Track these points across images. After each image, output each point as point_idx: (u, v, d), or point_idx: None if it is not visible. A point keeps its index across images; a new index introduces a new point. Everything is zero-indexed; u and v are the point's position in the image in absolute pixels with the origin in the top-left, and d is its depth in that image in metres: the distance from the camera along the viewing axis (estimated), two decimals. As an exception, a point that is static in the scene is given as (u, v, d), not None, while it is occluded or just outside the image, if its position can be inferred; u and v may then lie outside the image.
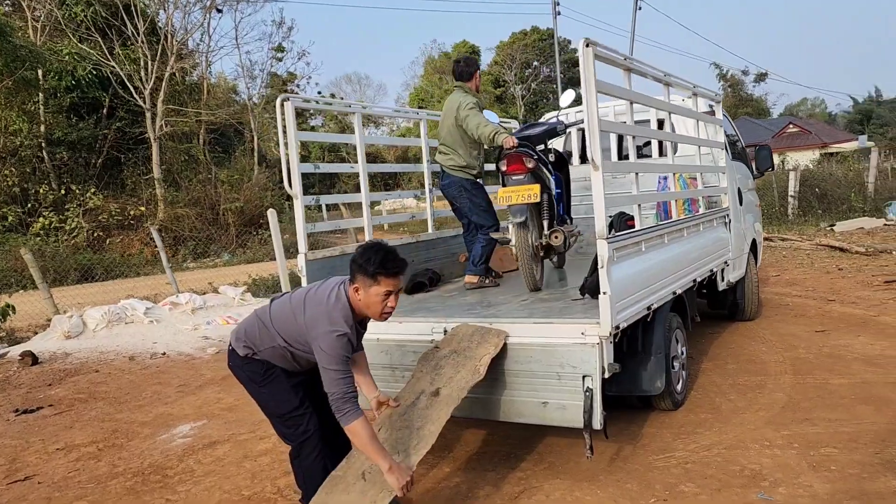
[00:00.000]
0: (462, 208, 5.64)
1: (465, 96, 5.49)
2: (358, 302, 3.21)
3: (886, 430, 4.25)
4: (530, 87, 48.18)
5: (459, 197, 5.59)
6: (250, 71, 29.48)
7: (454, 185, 5.59)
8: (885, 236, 13.62)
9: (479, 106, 5.45)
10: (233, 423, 5.47)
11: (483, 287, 5.47)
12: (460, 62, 5.76)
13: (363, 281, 3.16)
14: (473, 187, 5.60)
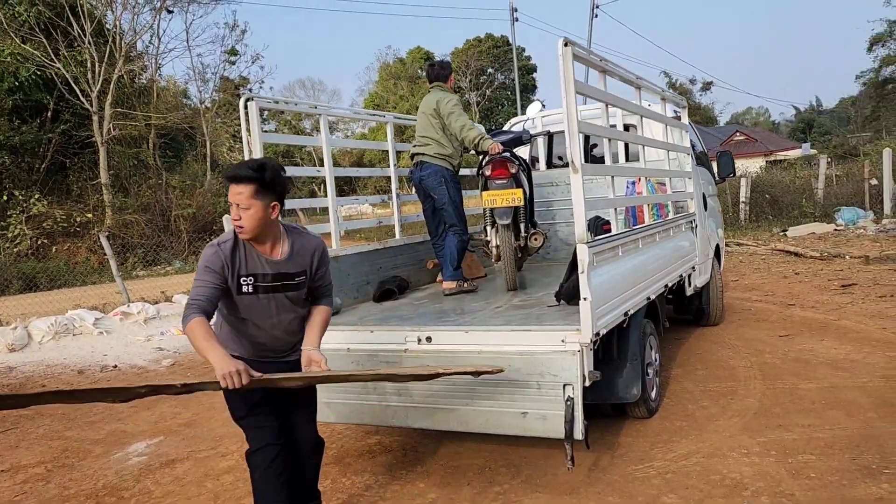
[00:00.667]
0: (438, 200, 5.52)
1: (445, 94, 5.53)
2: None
3: (860, 436, 4.24)
4: (485, 93, 48.32)
5: (438, 187, 5.48)
6: (202, 74, 28.75)
7: (434, 174, 5.47)
8: (837, 241, 13.94)
9: (462, 108, 5.49)
10: (192, 439, 5.21)
11: (462, 292, 5.36)
12: (435, 65, 5.81)
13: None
14: (453, 179, 5.54)
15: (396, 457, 4.49)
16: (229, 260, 2.94)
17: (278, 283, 3.04)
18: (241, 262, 2.97)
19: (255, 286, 3.00)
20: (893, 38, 36.78)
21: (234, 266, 2.96)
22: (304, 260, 3.09)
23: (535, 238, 5.61)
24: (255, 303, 3.04)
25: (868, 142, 35.14)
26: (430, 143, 5.50)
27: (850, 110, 57.69)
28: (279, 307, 3.09)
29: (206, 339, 2.77)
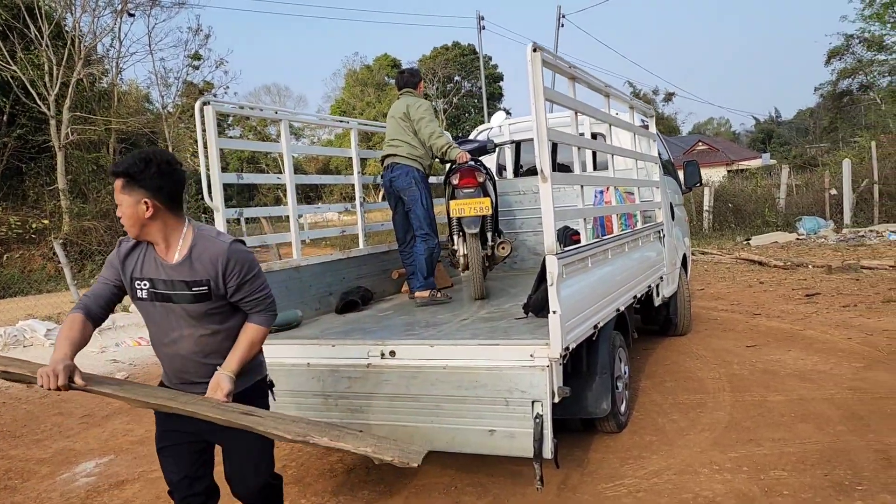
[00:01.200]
0: (409, 201, 5.40)
1: (416, 99, 5.49)
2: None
3: (830, 450, 4.19)
4: (452, 101, 48.36)
5: (408, 188, 5.37)
6: (164, 79, 28.20)
7: (405, 174, 5.38)
8: (799, 250, 14.11)
9: (434, 112, 5.45)
10: (144, 458, 4.97)
11: (435, 302, 5.23)
12: (405, 72, 5.76)
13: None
14: (424, 181, 5.46)
15: (359, 476, 4.32)
16: (124, 257, 2.67)
17: (171, 291, 2.64)
18: (137, 263, 2.66)
19: (150, 292, 2.65)
20: (850, 52, 37.61)
21: (127, 265, 2.66)
22: (204, 268, 2.62)
23: (502, 247, 5.64)
24: (152, 312, 2.70)
25: (826, 152, 35.91)
26: (401, 145, 5.42)
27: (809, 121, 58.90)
28: (179, 320, 2.68)
29: (64, 337, 2.55)
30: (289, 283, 4.76)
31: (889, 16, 34.71)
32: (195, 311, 2.67)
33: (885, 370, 5.73)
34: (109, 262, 2.70)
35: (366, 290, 5.44)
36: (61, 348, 2.50)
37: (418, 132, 5.36)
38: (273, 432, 2.49)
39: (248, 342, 2.74)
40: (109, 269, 2.69)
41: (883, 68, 36.70)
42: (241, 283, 2.67)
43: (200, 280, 2.62)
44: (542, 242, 6.71)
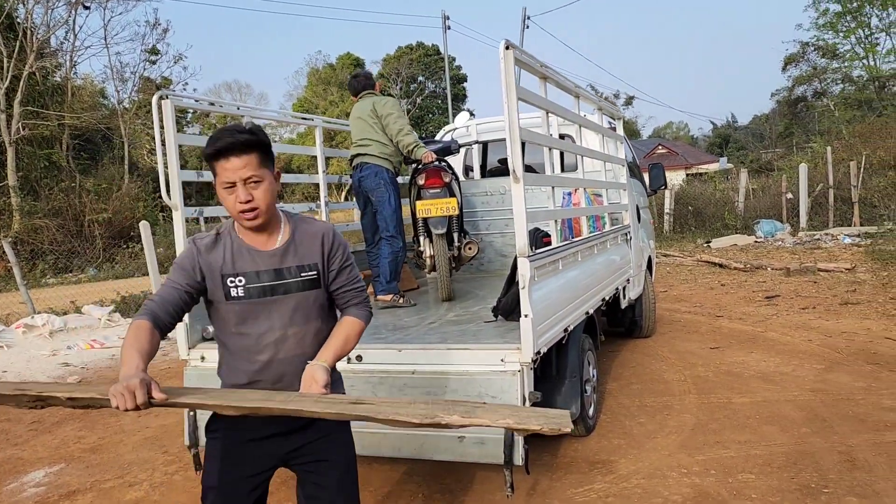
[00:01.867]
0: (377, 201, 5.31)
1: (381, 97, 5.43)
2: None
3: (795, 452, 4.20)
4: (416, 101, 48.22)
5: (377, 189, 5.28)
6: (121, 73, 27.49)
7: (374, 175, 5.28)
8: (758, 253, 14.33)
9: (402, 111, 5.40)
10: (96, 466, 4.77)
11: (396, 307, 5.13)
12: (359, 76, 5.68)
13: (214, 172, 2.25)
14: (393, 181, 5.37)
15: (323, 483, 4.19)
16: (206, 257, 2.29)
17: (277, 281, 2.30)
18: (225, 259, 2.29)
19: (247, 289, 2.29)
20: (805, 59, 38.55)
21: (212, 263, 2.28)
22: (309, 250, 2.34)
23: (469, 247, 5.63)
24: (250, 312, 2.31)
25: (781, 157, 36.73)
26: (370, 144, 5.33)
27: (765, 127, 60.17)
28: (283, 318, 2.33)
29: (131, 346, 2.11)
30: (251, 284, 4.61)
31: (842, 25, 35.75)
32: (304, 301, 2.35)
33: (845, 372, 5.80)
34: (181, 264, 2.30)
35: (330, 291, 5.31)
36: (131, 360, 2.07)
37: (386, 128, 5.28)
38: (396, 418, 2.05)
39: (344, 336, 2.38)
40: (181, 271, 2.29)
41: (836, 75, 37.78)
42: (341, 267, 2.40)
43: (308, 264, 2.33)
44: (508, 244, 6.74)
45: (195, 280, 2.28)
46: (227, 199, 2.22)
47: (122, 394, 1.95)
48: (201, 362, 3.98)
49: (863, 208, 17.35)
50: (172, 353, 8.19)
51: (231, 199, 2.21)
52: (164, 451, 4.94)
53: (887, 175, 17.72)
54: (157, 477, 4.48)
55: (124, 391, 1.95)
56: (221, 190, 2.22)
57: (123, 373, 2.03)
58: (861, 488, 3.67)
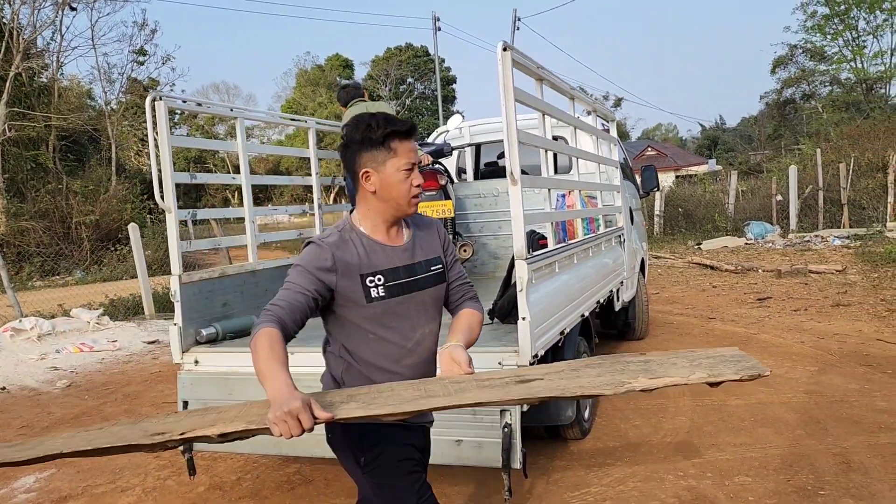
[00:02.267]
0: None
1: (373, 102, 5.54)
2: (374, 200, 2.13)
3: (791, 455, 4.21)
4: (405, 102, 48.20)
5: None
6: (108, 74, 27.24)
7: None
8: (748, 254, 14.38)
9: (394, 112, 5.39)
10: (87, 472, 4.70)
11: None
12: (348, 87, 5.83)
13: (372, 158, 2.09)
14: None
15: (317, 488, 4.16)
16: (339, 256, 2.07)
17: (415, 276, 2.16)
18: (360, 258, 2.10)
19: (387, 287, 2.12)
20: (794, 62, 38.78)
21: (348, 263, 2.08)
22: (432, 243, 2.26)
23: (463, 249, 5.68)
24: (391, 313, 2.14)
25: (770, 159, 36.92)
26: None
27: (753, 129, 60.51)
28: (421, 316, 2.20)
29: (270, 358, 1.85)
30: (244, 287, 4.58)
31: (829, 28, 35.95)
32: (436, 297, 2.25)
33: (838, 374, 5.82)
34: (308, 267, 2.06)
35: (324, 294, 5.29)
36: (278, 377, 1.80)
37: None
38: (582, 392, 1.86)
39: (468, 324, 2.28)
40: (307, 275, 2.05)
41: (824, 78, 37.98)
42: (454, 259, 2.34)
43: (434, 258, 2.25)
44: (502, 246, 6.72)
45: (325, 285, 2.06)
46: (403, 183, 2.10)
47: (285, 421, 1.71)
48: (195, 366, 3.94)
49: (852, 210, 17.45)
50: (163, 357, 8.13)
51: (406, 182, 2.10)
52: (157, 456, 4.88)
53: (875, 177, 17.82)
54: (150, 482, 4.43)
55: (287, 418, 1.71)
56: (399, 172, 2.09)
57: (276, 394, 1.76)
58: (857, 490, 3.68)
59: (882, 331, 7.24)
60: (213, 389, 3.84)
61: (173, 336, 3.95)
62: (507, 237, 6.70)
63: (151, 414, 5.79)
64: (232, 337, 4.18)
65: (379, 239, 2.15)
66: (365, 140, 2.09)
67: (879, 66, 34.99)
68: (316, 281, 2.05)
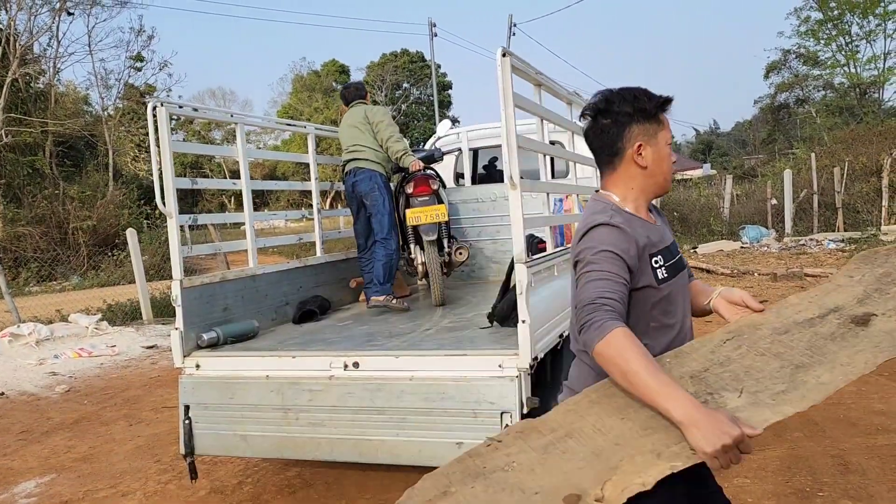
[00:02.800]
0: (371, 206, 5.34)
1: (372, 106, 5.50)
2: (641, 177, 1.94)
3: (789, 457, 4.24)
4: (401, 108, 48.25)
5: (371, 193, 5.31)
6: (105, 80, 27.27)
7: (368, 179, 5.32)
8: (744, 258, 14.44)
9: (392, 119, 5.45)
10: (88, 476, 4.72)
11: (391, 309, 5.13)
12: (351, 87, 5.76)
13: (645, 131, 1.91)
14: (386, 185, 5.42)
15: (319, 491, 4.18)
16: (633, 234, 1.83)
17: (677, 256, 1.99)
18: (643, 236, 1.88)
19: (667, 268, 1.91)
20: (787, 67, 38.96)
21: (640, 245, 1.84)
22: (668, 226, 2.12)
23: (459, 252, 5.67)
24: (670, 297, 1.93)
25: (764, 163, 37.05)
26: (363, 150, 5.37)
27: (748, 133, 60.74)
28: (686, 301, 2.04)
29: (655, 369, 1.56)
30: (244, 292, 4.59)
31: (823, 32, 36.14)
32: (687, 280, 2.08)
33: (834, 376, 5.85)
34: (615, 250, 1.78)
35: (323, 299, 5.30)
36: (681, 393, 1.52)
37: (377, 134, 5.35)
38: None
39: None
40: (616, 260, 1.77)
41: (818, 83, 38.15)
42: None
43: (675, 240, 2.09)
44: (500, 250, 6.74)
45: (629, 269, 1.81)
46: (670, 157, 1.98)
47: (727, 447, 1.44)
48: (196, 370, 3.96)
49: (846, 214, 17.54)
50: (162, 362, 8.14)
51: (671, 157, 1.98)
52: (157, 461, 4.90)
53: (869, 181, 17.91)
54: (151, 486, 4.44)
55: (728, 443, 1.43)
56: (667, 146, 1.97)
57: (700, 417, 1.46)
58: (855, 491, 3.71)
59: (878, 333, 7.28)
60: (215, 393, 3.86)
61: (175, 340, 3.97)
62: (504, 241, 6.73)
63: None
64: (233, 341, 4.20)
65: (642, 217, 1.96)
66: (637, 112, 1.91)
67: (873, 70, 35.20)
68: (623, 265, 1.78)
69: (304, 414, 3.66)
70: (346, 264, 5.91)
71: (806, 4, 35.71)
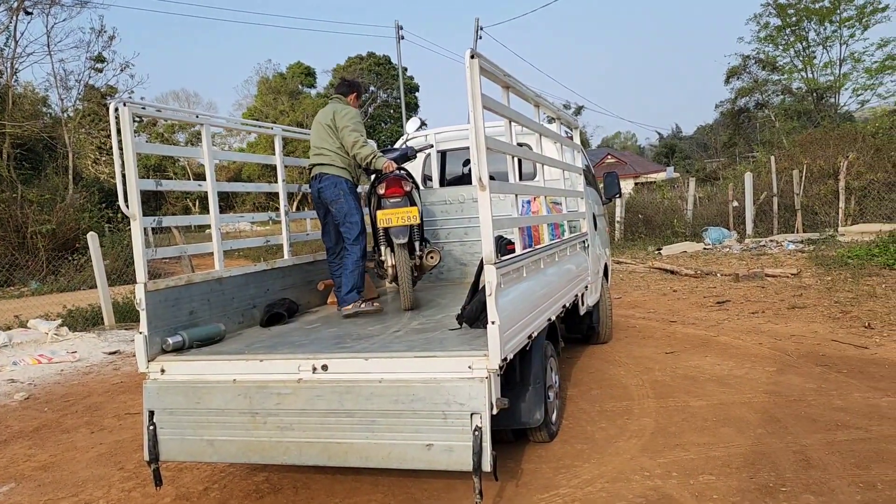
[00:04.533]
0: (337, 213, 5.28)
1: (344, 106, 5.40)
2: None
3: (753, 453, 4.31)
4: (367, 111, 48.07)
5: (336, 200, 5.25)
6: (65, 81, 26.64)
7: (333, 185, 5.27)
8: (707, 259, 14.67)
9: (360, 121, 5.35)
10: (49, 485, 4.61)
11: (361, 313, 5.10)
12: (344, 80, 5.72)
13: None
14: (352, 191, 5.35)
15: (287, 496, 4.14)
16: None
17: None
18: None
19: None
20: (747, 72, 39.69)
21: None
22: None
23: (430, 256, 5.61)
24: None
25: (725, 167, 37.67)
26: (328, 154, 5.30)
27: (709, 137, 61.68)
28: None
29: None
30: (210, 295, 4.54)
31: (781, 38, 36.94)
32: None
33: (795, 374, 5.98)
34: None
35: (291, 302, 5.26)
36: None
37: (342, 140, 5.26)
38: None
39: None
40: None
41: (777, 87, 38.96)
42: None
43: None
44: (468, 252, 6.76)
45: None
46: None
47: None
48: (161, 375, 3.90)
49: (805, 215, 17.91)
50: (125, 367, 7.99)
51: None
52: (121, 468, 4.80)
53: (827, 183, 18.30)
54: (114, 494, 4.35)
55: None
56: None
57: None
58: (817, 486, 3.79)
59: (836, 332, 7.46)
60: (180, 398, 3.80)
61: (139, 345, 3.90)
62: (473, 243, 6.75)
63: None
64: (199, 345, 4.14)
65: None
66: None
67: (829, 76, 36.07)
68: None
69: (273, 418, 3.62)
70: (313, 267, 5.87)
71: (765, 11, 36.49)
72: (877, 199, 17.12)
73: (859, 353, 6.56)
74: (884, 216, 16.43)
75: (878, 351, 6.57)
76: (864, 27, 34.36)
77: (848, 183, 17.19)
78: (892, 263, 10.99)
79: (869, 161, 18.47)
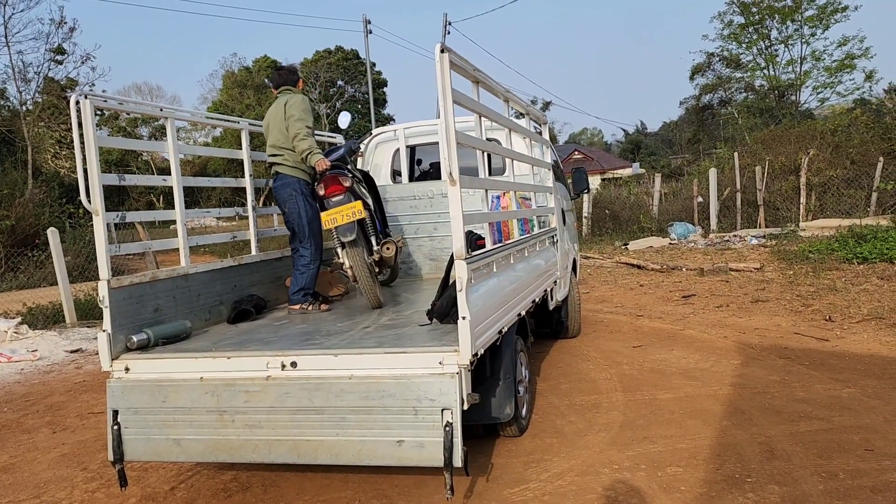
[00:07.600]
0: (288, 214, 5.21)
1: (294, 95, 5.25)
2: None
3: (719, 445, 4.37)
4: (335, 105, 47.73)
5: (288, 200, 5.19)
6: (23, 73, 26.03)
7: (287, 185, 5.20)
8: (672, 254, 14.85)
9: (308, 108, 5.19)
10: (9, 487, 4.50)
11: (306, 312, 5.05)
12: (283, 69, 5.49)
13: None
14: (303, 192, 5.24)
15: (255, 495, 4.09)
16: None
17: None
18: None
19: None
20: (711, 69, 40.29)
21: None
22: None
23: (386, 247, 5.37)
24: None
25: (690, 163, 38.21)
26: (281, 153, 5.21)
27: (674, 133, 62.50)
28: None
29: None
30: (176, 292, 4.46)
31: (744, 36, 37.55)
32: None
33: (759, 366, 6.08)
34: None
35: (259, 298, 5.20)
36: None
37: (288, 130, 5.11)
38: None
39: None
40: None
41: (740, 85, 39.63)
42: None
43: None
44: (437, 248, 6.75)
45: None
46: None
47: None
48: (125, 374, 3.82)
49: (767, 210, 18.23)
50: (87, 366, 7.84)
51: None
52: (84, 469, 4.71)
53: (788, 179, 18.65)
54: (77, 495, 4.26)
55: None
56: None
57: None
58: (781, 476, 3.86)
59: (798, 325, 7.61)
60: (146, 397, 3.73)
61: (102, 343, 3.82)
62: (442, 238, 6.74)
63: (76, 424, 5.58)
64: (164, 343, 4.07)
65: None
66: None
67: (790, 74, 36.79)
68: None
69: (241, 416, 3.58)
70: (281, 262, 5.81)
71: (730, 9, 37.05)
72: (836, 194, 17.50)
73: (821, 345, 6.70)
74: (843, 212, 16.80)
75: (838, 343, 6.72)
76: (824, 26, 35.14)
77: (808, 179, 17.54)
78: (851, 258, 11.23)
79: (828, 158, 18.88)
